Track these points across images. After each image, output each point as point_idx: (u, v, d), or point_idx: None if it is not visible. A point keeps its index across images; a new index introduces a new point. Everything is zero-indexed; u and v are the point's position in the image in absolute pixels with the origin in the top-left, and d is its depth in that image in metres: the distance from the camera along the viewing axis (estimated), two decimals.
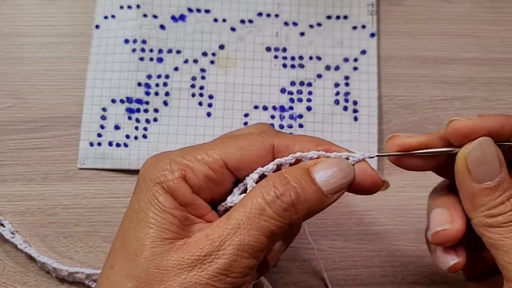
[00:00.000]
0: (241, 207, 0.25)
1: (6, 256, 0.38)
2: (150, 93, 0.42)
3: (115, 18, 0.43)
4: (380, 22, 0.44)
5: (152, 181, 0.25)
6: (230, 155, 0.26)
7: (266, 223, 0.24)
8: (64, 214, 0.39)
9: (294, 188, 0.25)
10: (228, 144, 0.26)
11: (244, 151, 0.26)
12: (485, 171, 0.25)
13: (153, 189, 0.25)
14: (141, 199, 0.25)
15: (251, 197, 0.25)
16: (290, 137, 0.28)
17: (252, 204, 0.24)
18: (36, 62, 0.42)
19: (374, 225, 0.39)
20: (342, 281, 0.38)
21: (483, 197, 0.25)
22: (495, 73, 0.43)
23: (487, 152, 0.25)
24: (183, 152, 0.26)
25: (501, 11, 0.44)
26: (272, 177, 0.25)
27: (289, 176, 0.25)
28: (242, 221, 0.24)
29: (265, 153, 0.26)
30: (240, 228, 0.24)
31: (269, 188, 0.25)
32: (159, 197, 0.25)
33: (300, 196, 0.25)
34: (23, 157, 0.40)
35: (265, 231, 0.24)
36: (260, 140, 0.27)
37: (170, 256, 0.24)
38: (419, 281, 0.38)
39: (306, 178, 0.25)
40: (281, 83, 0.42)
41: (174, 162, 0.26)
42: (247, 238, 0.24)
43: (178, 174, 0.25)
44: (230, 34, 0.43)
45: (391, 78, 0.43)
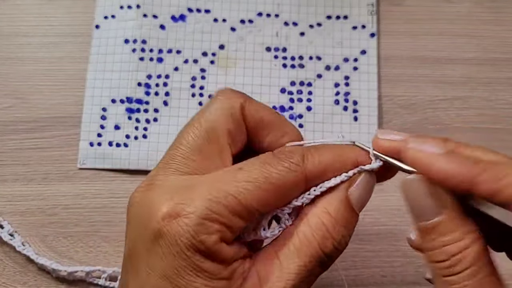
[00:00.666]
0: (296, 257, 0.24)
1: (6, 256, 0.38)
2: (150, 93, 0.42)
3: (115, 18, 0.43)
4: (380, 22, 0.44)
5: (186, 247, 0.22)
6: (262, 201, 0.23)
7: (321, 270, 0.25)
8: (64, 214, 0.39)
9: (346, 230, 0.25)
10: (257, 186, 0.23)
11: (279, 194, 0.24)
12: (415, 210, 0.23)
13: (192, 258, 0.22)
14: (178, 267, 0.22)
15: (307, 246, 0.24)
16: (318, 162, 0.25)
17: (309, 256, 0.24)
18: (36, 62, 0.43)
19: (374, 225, 0.39)
20: (342, 281, 0.38)
21: (421, 235, 0.23)
22: (495, 73, 0.43)
23: (414, 191, 0.23)
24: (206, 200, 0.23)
25: (501, 11, 0.44)
26: (323, 220, 0.24)
27: (336, 214, 0.24)
28: (302, 274, 0.24)
29: (298, 188, 0.25)
30: (301, 281, 0.24)
31: (325, 238, 0.24)
32: (203, 266, 0.22)
33: (344, 232, 0.25)
34: (23, 157, 0.40)
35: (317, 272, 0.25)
36: (291, 179, 0.24)
37: None
38: (419, 282, 0.38)
39: (349, 211, 0.25)
40: (281, 83, 0.42)
41: (205, 220, 0.22)
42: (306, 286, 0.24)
43: (216, 237, 0.22)
44: (230, 34, 0.43)
45: (391, 78, 0.43)
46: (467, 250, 0.21)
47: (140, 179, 0.40)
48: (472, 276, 0.21)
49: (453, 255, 0.22)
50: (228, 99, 0.27)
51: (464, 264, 0.21)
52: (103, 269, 0.38)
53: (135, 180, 0.40)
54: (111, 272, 0.38)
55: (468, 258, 0.21)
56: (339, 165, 0.25)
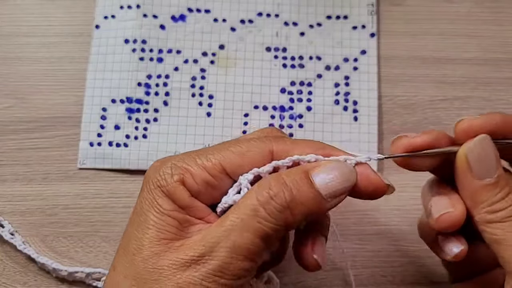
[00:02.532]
0: (235, 209, 0.25)
1: (6, 256, 0.38)
2: (150, 93, 0.42)
3: (115, 18, 0.43)
4: (380, 22, 0.44)
5: (153, 184, 0.26)
6: (228, 160, 0.26)
7: (260, 225, 0.24)
8: (64, 214, 0.39)
9: (290, 189, 0.24)
10: (228, 149, 0.26)
11: (242, 156, 0.26)
12: (485, 168, 0.26)
13: (153, 192, 0.26)
14: (143, 202, 0.26)
15: (246, 198, 0.25)
16: (290, 142, 0.27)
17: (245, 205, 0.24)
18: (36, 62, 0.43)
19: (373, 225, 0.39)
20: (342, 281, 0.38)
21: (484, 194, 0.26)
22: (495, 73, 0.43)
23: (487, 149, 0.26)
24: (185, 156, 0.27)
25: (501, 11, 0.44)
26: (268, 178, 0.25)
27: (286, 177, 0.25)
28: (236, 222, 0.24)
29: (263, 158, 0.26)
30: (233, 230, 0.24)
31: (263, 188, 0.25)
32: (158, 199, 0.25)
33: (295, 198, 0.24)
34: (23, 157, 0.40)
35: (259, 233, 0.24)
36: (259, 145, 0.27)
37: (166, 256, 0.24)
38: (419, 282, 0.38)
39: (304, 180, 0.25)
40: (281, 83, 0.42)
41: (175, 166, 0.26)
42: (240, 240, 0.24)
43: (176, 178, 0.26)
44: (230, 34, 0.43)
45: (391, 78, 0.43)
46: None
47: (140, 179, 0.40)
48: None
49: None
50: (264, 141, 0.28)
51: None
52: (104, 272, 0.37)
53: (135, 180, 0.40)
54: None
55: None
56: (310, 150, 0.27)
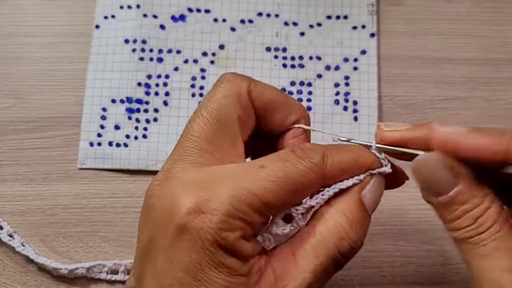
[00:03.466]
0: (312, 257, 0.24)
1: (6, 256, 0.38)
2: (150, 93, 0.42)
3: (115, 18, 0.43)
4: (380, 22, 0.44)
5: (210, 243, 0.22)
6: (282, 199, 0.24)
7: (335, 269, 0.25)
8: (64, 214, 0.39)
9: (361, 231, 0.25)
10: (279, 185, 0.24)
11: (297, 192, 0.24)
12: (433, 187, 0.24)
13: (215, 254, 0.22)
14: (201, 262, 0.22)
15: (323, 245, 0.24)
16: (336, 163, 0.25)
17: (326, 256, 0.24)
18: (36, 62, 0.43)
19: (374, 225, 0.39)
20: (342, 281, 0.38)
21: (440, 211, 0.25)
22: (495, 73, 0.43)
23: (429, 168, 0.24)
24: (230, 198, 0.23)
25: (501, 11, 0.44)
26: (341, 221, 0.25)
27: (352, 216, 0.25)
28: (318, 273, 0.24)
29: (315, 187, 0.25)
30: (316, 281, 0.24)
31: (342, 238, 0.24)
32: (225, 262, 0.22)
33: (359, 232, 0.25)
34: (23, 157, 0.40)
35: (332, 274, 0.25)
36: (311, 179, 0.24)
37: None
38: (419, 282, 0.38)
39: (363, 212, 0.25)
40: (281, 83, 0.42)
41: (229, 217, 0.23)
42: (321, 286, 0.24)
43: (238, 234, 0.23)
44: (230, 34, 0.43)
45: (391, 78, 0.43)
46: (489, 210, 0.23)
47: (140, 179, 0.40)
48: (497, 230, 0.23)
49: (477, 218, 0.23)
50: (234, 84, 0.27)
51: (489, 222, 0.23)
52: (104, 263, 0.38)
53: (135, 180, 0.40)
54: (111, 265, 0.38)
55: (491, 217, 0.23)
56: (356, 168, 0.26)
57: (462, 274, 0.32)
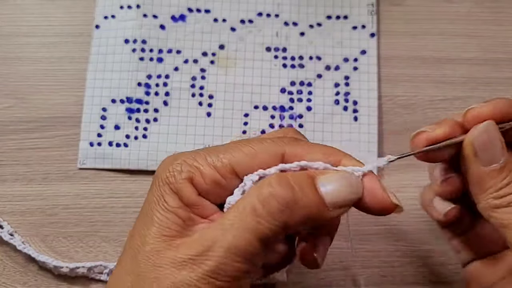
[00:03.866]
0: (235, 207, 0.24)
1: (6, 256, 0.38)
2: (150, 93, 0.42)
3: (115, 18, 0.43)
4: (380, 22, 0.44)
5: (162, 181, 0.26)
6: (238, 161, 0.25)
7: (258, 225, 0.23)
8: (64, 214, 0.39)
9: (293, 189, 0.24)
10: (239, 149, 0.26)
11: (253, 157, 0.25)
12: (491, 154, 0.26)
13: (161, 188, 0.25)
14: (151, 198, 0.26)
15: (246, 196, 0.24)
16: (303, 145, 0.26)
17: (245, 204, 0.23)
18: (36, 62, 0.43)
19: (374, 225, 0.39)
20: (342, 281, 0.38)
21: (491, 180, 0.26)
22: (495, 73, 0.43)
23: (492, 135, 0.26)
24: (196, 154, 0.26)
25: (501, 11, 0.44)
26: (271, 176, 0.24)
27: (290, 177, 0.24)
28: (234, 221, 0.23)
29: (273, 160, 0.25)
30: (231, 229, 0.23)
31: (264, 186, 0.24)
32: (165, 196, 0.25)
33: (298, 199, 0.23)
34: (23, 157, 0.40)
35: (257, 234, 0.23)
36: (271, 147, 0.26)
37: (166, 254, 0.24)
38: (419, 282, 0.38)
39: (309, 184, 0.24)
40: (281, 83, 0.42)
41: (185, 164, 0.26)
42: (237, 240, 0.23)
43: (185, 175, 0.25)
44: (230, 34, 0.43)
45: (391, 78, 0.43)
46: None
47: (140, 179, 0.40)
48: None
49: None
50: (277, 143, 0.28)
51: None
52: (105, 264, 0.38)
53: (135, 180, 0.40)
54: (112, 266, 0.38)
55: None
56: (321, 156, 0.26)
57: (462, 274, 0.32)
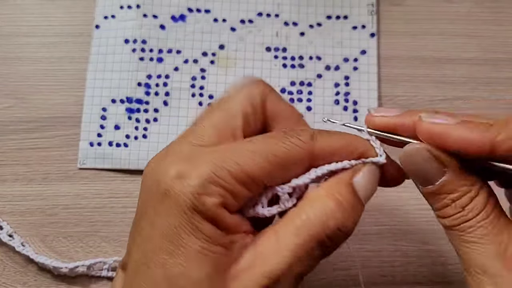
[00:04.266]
0: (294, 236, 0.23)
1: (6, 256, 0.38)
2: (150, 93, 0.42)
3: (115, 18, 0.43)
4: (380, 22, 0.44)
5: (188, 207, 0.22)
6: (266, 172, 0.24)
7: (321, 253, 0.24)
8: (64, 214, 0.39)
9: (351, 216, 0.24)
10: (264, 157, 0.24)
11: (282, 168, 0.24)
12: (420, 177, 0.25)
13: (192, 218, 0.22)
14: (178, 226, 0.22)
15: (308, 225, 0.23)
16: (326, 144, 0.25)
17: (309, 235, 0.23)
18: (36, 62, 0.43)
19: (374, 225, 0.39)
20: (342, 281, 0.38)
21: (429, 199, 0.25)
22: (495, 73, 0.43)
23: (416, 159, 0.24)
24: (211, 165, 0.23)
25: (501, 11, 0.44)
26: (328, 202, 0.24)
27: (342, 198, 0.24)
28: (299, 254, 0.23)
29: (302, 165, 0.25)
30: (296, 260, 0.23)
31: (329, 219, 0.24)
32: (202, 227, 0.22)
33: (350, 218, 0.24)
34: (23, 157, 0.40)
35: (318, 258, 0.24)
36: (297, 154, 0.24)
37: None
38: (419, 282, 0.38)
39: (355, 197, 0.25)
40: (281, 83, 0.42)
41: (208, 182, 0.23)
42: (303, 269, 0.24)
43: (217, 200, 0.23)
44: (230, 34, 0.43)
45: (391, 78, 0.43)
46: (476, 198, 0.24)
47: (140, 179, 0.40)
48: (484, 218, 0.24)
49: (464, 206, 0.24)
50: (253, 86, 0.27)
51: (477, 210, 0.24)
52: (104, 260, 0.38)
53: (135, 180, 0.40)
54: (112, 262, 0.38)
55: (479, 204, 0.24)
56: (346, 153, 0.25)
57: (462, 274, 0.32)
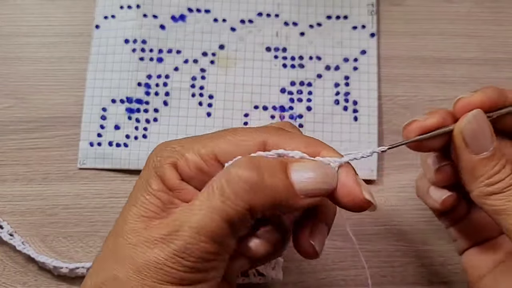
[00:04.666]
0: (205, 189, 0.24)
1: (6, 256, 0.38)
2: (150, 93, 0.42)
3: (115, 18, 0.43)
4: (380, 22, 0.44)
5: (150, 166, 0.26)
6: (222, 148, 0.25)
7: (223, 205, 0.23)
8: (64, 214, 0.39)
9: (260, 170, 0.24)
10: (223, 137, 0.26)
11: (236, 145, 0.25)
12: (480, 143, 0.27)
13: (148, 173, 0.26)
14: (138, 182, 0.27)
15: (215, 177, 0.24)
16: (285, 135, 0.26)
17: (213, 184, 0.24)
18: (36, 62, 0.43)
19: (374, 225, 0.39)
20: (342, 282, 0.38)
21: (482, 168, 0.27)
22: (495, 73, 0.43)
23: (481, 123, 0.27)
24: (185, 141, 0.27)
25: (501, 11, 0.44)
26: (241, 158, 0.24)
27: (262, 161, 0.24)
28: (203, 202, 0.24)
29: (256, 149, 0.25)
30: (200, 210, 0.23)
31: (232, 167, 0.24)
32: (150, 179, 0.26)
33: (265, 182, 0.23)
34: (23, 157, 0.40)
35: (223, 214, 0.23)
36: (254, 136, 0.26)
37: (142, 233, 0.24)
38: (418, 282, 0.38)
39: (280, 169, 0.24)
40: (281, 83, 0.42)
41: (172, 150, 0.26)
42: (204, 220, 0.23)
43: (170, 160, 0.26)
44: (230, 34, 0.43)
45: (391, 78, 0.43)
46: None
47: None
48: None
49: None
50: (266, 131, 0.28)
51: None
52: None
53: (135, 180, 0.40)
54: None
55: None
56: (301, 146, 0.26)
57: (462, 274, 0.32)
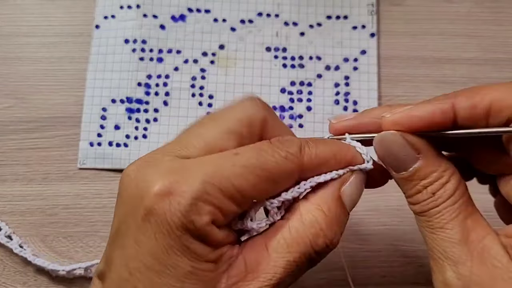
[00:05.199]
0: (285, 252, 0.24)
1: (5, 256, 0.38)
2: (150, 93, 0.42)
3: (115, 18, 0.43)
4: (380, 22, 0.44)
5: (177, 227, 0.22)
6: (256, 188, 0.23)
7: (309, 266, 0.25)
8: (64, 214, 0.39)
9: (339, 230, 0.25)
10: (251, 172, 0.23)
11: (272, 182, 0.24)
12: (394, 163, 0.25)
13: (181, 238, 0.22)
14: (167, 246, 0.22)
15: (298, 242, 0.24)
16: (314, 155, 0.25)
17: (300, 252, 0.24)
18: (36, 62, 0.43)
19: (374, 225, 0.39)
20: (342, 282, 0.38)
21: (402, 186, 0.26)
22: (495, 73, 0.43)
23: (390, 145, 0.25)
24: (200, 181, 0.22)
25: (501, 11, 0.44)
26: (317, 218, 0.24)
27: (331, 214, 0.25)
28: (291, 270, 0.24)
29: (291, 178, 0.25)
30: (288, 276, 0.24)
31: (317, 236, 0.24)
32: (192, 247, 0.22)
33: (341, 233, 0.25)
34: (23, 157, 0.40)
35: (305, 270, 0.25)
36: (287, 169, 0.24)
37: None
38: (418, 282, 0.38)
39: (342, 209, 0.25)
40: (281, 83, 0.42)
41: (198, 201, 0.22)
42: (293, 281, 0.24)
43: (207, 219, 0.22)
44: (230, 34, 0.43)
45: (391, 78, 0.43)
46: (448, 183, 0.24)
47: None
48: (453, 203, 0.24)
49: (435, 192, 0.24)
50: (254, 107, 0.26)
51: (446, 196, 0.24)
52: None
53: None
54: None
55: (449, 190, 0.24)
56: (334, 162, 0.25)
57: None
